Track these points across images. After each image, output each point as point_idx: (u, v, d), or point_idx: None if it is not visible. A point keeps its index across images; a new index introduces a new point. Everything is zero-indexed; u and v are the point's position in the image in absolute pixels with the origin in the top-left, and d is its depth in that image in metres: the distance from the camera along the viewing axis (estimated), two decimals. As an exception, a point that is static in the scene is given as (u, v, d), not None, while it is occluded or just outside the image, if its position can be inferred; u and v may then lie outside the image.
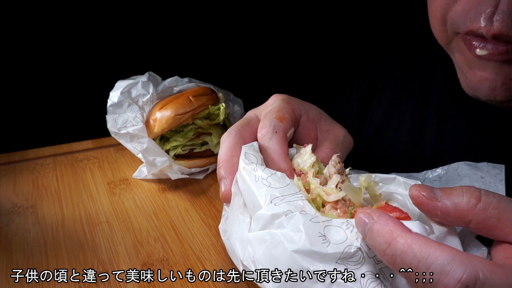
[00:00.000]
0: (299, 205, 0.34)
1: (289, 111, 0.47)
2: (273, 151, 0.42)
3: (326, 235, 0.32)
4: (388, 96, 0.66)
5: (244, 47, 1.15)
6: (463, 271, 0.25)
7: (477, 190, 0.31)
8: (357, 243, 0.31)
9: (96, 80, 0.91)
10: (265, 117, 0.45)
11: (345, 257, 0.31)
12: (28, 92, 0.96)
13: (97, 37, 0.98)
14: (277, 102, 0.48)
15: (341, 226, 0.33)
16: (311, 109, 0.50)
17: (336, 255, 0.31)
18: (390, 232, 0.28)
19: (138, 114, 0.70)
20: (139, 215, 0.62)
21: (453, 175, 0.46)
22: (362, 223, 0.31)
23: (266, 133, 0.44)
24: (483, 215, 0.30)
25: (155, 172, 0.68)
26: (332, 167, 0.40)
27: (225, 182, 0.42)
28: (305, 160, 0.42)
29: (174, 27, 1.05)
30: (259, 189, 0.36)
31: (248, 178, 0.38)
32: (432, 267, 0.26)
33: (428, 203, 0.32)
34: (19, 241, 0.56)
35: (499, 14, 0.37)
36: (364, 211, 0.31)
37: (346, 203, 0.37)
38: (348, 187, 0.37)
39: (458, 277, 0.25)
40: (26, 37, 0.92)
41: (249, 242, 0.35)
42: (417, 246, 0.27)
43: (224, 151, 0.44)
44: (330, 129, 0.50)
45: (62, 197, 0.66)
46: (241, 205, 0.40)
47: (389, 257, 0.28)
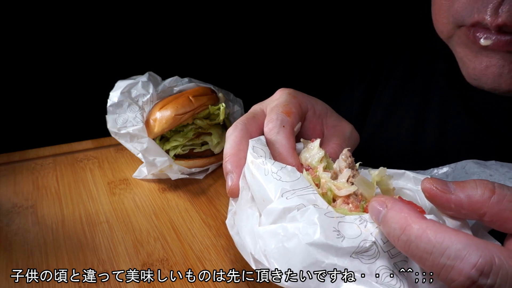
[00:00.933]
0: (312, 198, 0.34)
1: (296, 105, 0.46)
2: (280, 145, 0.42)
3: (340, 230, 0.32)
4: (388, 96, 0.66)
5: (244, 47, 1.15)
6: (478, 256, 0.25)
7: (491, 183, 0.30)
8: (372, 237, 0.31)
9: (96, 80, 0.91)
10: (271, 111, 0.45)
11: (359, 251, 0.31)
12: (28, 92, 0.96)
13: (97, 37, 0.97)
14: (284, 96, 0.47)
15: (355, 222, 0.32)
16: (317, 104, 0.50)
17: (351, 249, 0.31)
18: (404, 218, 0.28)
19: (138, 114, 0.70)
20: (139, 215, 0.62)
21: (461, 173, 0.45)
22: (376, 210, 0.31)
23: (273, 127, 0.43)
24: (497, 208, 0.29)
25: (155, 172, 0.68)
26: (342, 161, 0.39)
27: (231, 176, 0.41)
28: (313, 155, 0.41)
29: (174, 27, 1.05)
30: (269, 183, 0.36)
31: (257, 172, 0.37)
32: (447, 252, 0.26)
33: (441, 196, 0.31)
34: (19, 241, 0.56)
35: (505, 5, 0.36)
36: (377, 199, 0.31)
37: (357, 197, 0.37)
38: (361, 180, 0.36)
39: (473, 262, 0.25)
40: (26, 37, 0.92)
41: (260, 236, 0.34)
42: (432, 232, 0.27)
43: (230, 145, 0.43)
44: (336, 124, 0.49)
45: (62, 197, 0.66)
46: (249, 199, 0.39)
47: (404, 242, 0.28)
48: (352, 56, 0.87)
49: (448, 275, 0.26)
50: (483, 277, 0.25)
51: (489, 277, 0.25)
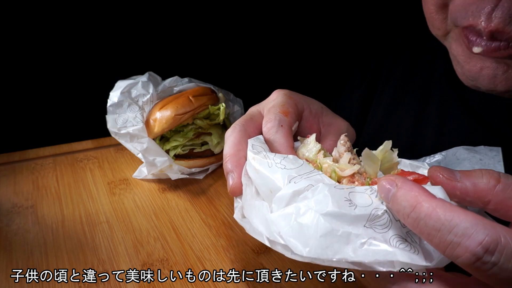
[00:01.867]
0: (319, 179, 0.34)
1: (292, 105, 0.47)
2: (279, 144, 0.43)
3: (351, 200, 0.32)
4: (388, 96, 0.66)
5: (244, 47, 1.15)
6: (485, 234, 0.25)
7: (496, 173, 0.31)
8: (383, 206, 0.31)
9: (96, 80, 0.91)
10: (269, 112, 0.46)
11: (372, 219, 0.31)
12: (28, 92, 0.96)
13: (97, 37, 0.98)
14: (280, 97, 0.48)
15: (366, 192, 0.33)
16: (313, 103, 0.51)
17: (364, 217, 0.31)
18: (415, 197, 0.29)
19: (138, 114, 0.70)
20: (139, 215, 0.62)
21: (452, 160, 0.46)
22: (386, 189, 0.31)
23: (271, 127, 0.44)
24: (502, 196, 0.30)
25: (155, 172, 0.68)
26: (341, 146, 0.40)
27: (232, 176, 0.42)
28: (310, 149, 0.42)
29: (174, 27, 1.05)
30: (274, 173, 0.36)
31: (260, 166, 0.38)
32: (455, 229, 0.26)
33: (447, 183, 0.32)
34: (19, 241, 0.56)
35: (498, 10, 0.37)
36: (387, 178, 0.31)
37: (362, 175, 0.37)
38: (366, 155, 0.37)
39: (479, 240, 0.25)
40: (26, 37, 0.92)
41: (273, 221, 0.34)
42: (441, 210, 0.27)
43: (229, 145, 0.43)
44: (332, 122, 0.50)
45: (62, 197, 0.66)
46: (254, 194, 0.39)
47: (413, 220, 0.28)
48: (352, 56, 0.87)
49: (454, 252, 0.26)
50: (488, 255, 0.25)
51: (494, 254, 0.25)
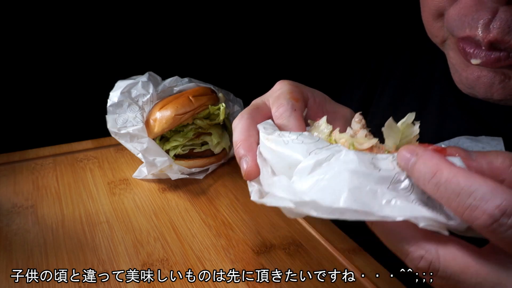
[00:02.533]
0: (339, 149, 0.34)
1: (300, 93, 0.47)
2: (294, 127, 0.43)
3: (375, 164, 0.32)
4: (388, 96, 0.66)
5: (244, 47, 1.15)
6: (503, 199, 0.26)
7: (511, 154, 0.32)
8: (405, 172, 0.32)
9: (96, 80, 0.91)
10: (278, 98, 0.46)
11: (395, 182, 0.31)
12: (28, 92, 0.96)
13: (97, 37, 0.98)
14: (286, 86, 0.48)
15: (388, 159, 0.33)
16: (316, 93, 0.51)
17: (388, 179, 0.31)
18: (436, 164, 0.29)
19: (138, 114, 0.70)
20: (139, 215, 0.62)
21: None
22: (406, 158, 0.31)
23: (284, 111, 0.44)
24: None
25: (155, 172, 0.68)
26: (356, 124, 0.41)
27: (246, 160, 0.42)
28: (322, 130, 0.42)
29: (174, 27, 1.05)
30: (292, 149, 0.36)
31: (276, 145, 0.38)
32: (474, 194, 0.27)
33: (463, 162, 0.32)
34: (19, 241, 0.56)
35: (496, 21, 0.37)
36: (407, 147, 0.32)
37: (380, 149, 0.37)
38: (389, 125, 0.37)
39: (497, 203, 0.26)
40: (26, 37, 0.92)
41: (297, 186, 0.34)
42: (462, 177, 0.28)
43: (239, 132, 0.43)
44: (336, 110, 0.51)
45: (62, 197, 0.66)
46: (270, 174, 0.39)
47: (433, 185, 0.29)
48: (352, 56, 0.87)
49: (472, 214, 0.27)
50: (505, 217, 0.26)
51: (510, 217, 0.26)
